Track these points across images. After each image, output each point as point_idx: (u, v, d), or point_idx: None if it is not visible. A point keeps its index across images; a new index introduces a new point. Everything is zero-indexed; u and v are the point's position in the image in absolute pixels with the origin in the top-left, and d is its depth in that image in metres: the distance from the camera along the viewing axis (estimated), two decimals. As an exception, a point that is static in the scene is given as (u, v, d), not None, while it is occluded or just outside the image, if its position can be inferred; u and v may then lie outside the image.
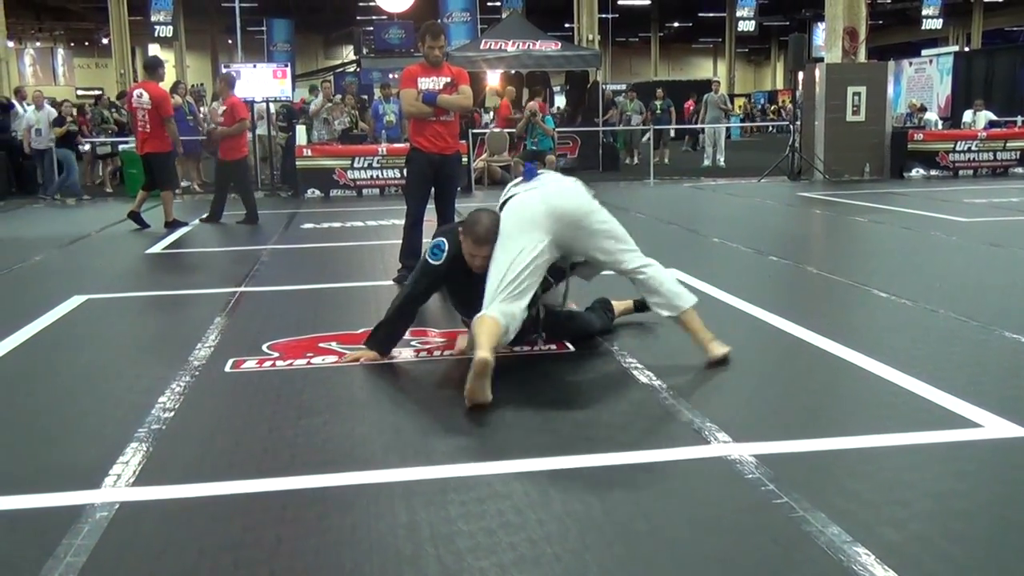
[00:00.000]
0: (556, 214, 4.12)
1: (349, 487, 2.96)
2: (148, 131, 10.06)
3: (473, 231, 4.17)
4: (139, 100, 10.04)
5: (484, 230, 4.15)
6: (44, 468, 3.19)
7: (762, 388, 4.06)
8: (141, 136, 10.18)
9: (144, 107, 9.98)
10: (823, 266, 6.92)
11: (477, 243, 4.15)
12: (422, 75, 6.48)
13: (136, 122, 10.26)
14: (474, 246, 4.17)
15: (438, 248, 4.32)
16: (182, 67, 34.65)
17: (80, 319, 5.66)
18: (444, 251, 4.30)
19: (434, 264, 4.32)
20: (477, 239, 4.15)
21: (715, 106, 19.67)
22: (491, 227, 4.16)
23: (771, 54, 52.12)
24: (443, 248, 4.31)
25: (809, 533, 2.53)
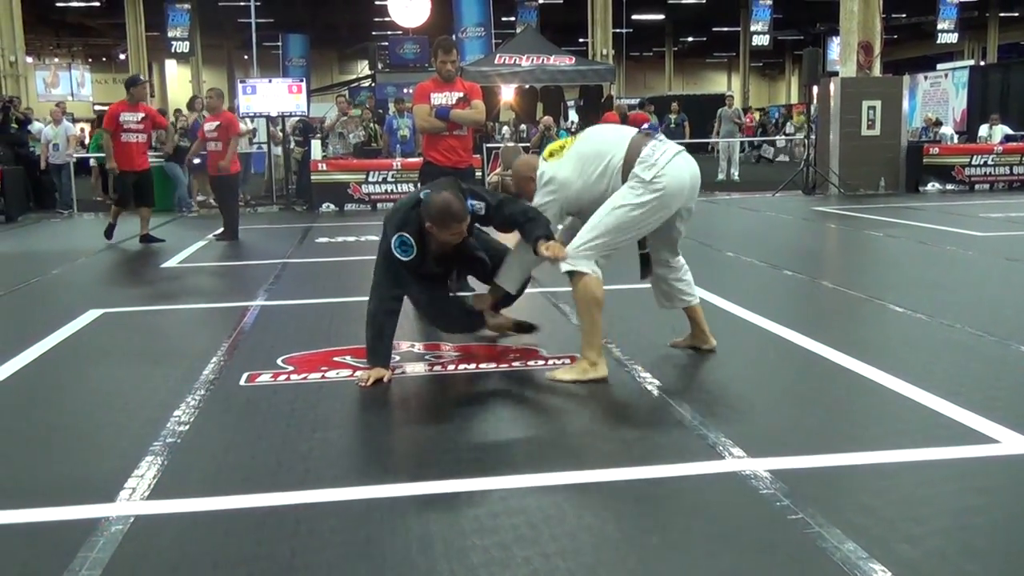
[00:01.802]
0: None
1: (363, 501, 2.96)
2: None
3: (447, 214, 4.15)
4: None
5: (456, 209, 4.18)
6: (60, 481, 3.20)
7: (777, 403, 4.05)
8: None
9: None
10: (838, 280, 6.90)
11: (455, 222, 4.18)
12: (435, 90, 6.51)
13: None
14: (449, 228, 4.18)
15: (406, 244, 4.25)
16: (198, 82, 34.92)
17: (96, 333, 5.69)
18: (412, 245, 4.24)
19: (406, 261, 4.27)
20: (453, 218, 4.16)
21: (729, 120, 19.66)
22: (459, 203, 4.21)
23: (785, 68, 52.07)
24: (410, 243, 4.24)
25: (825, 549, 2.51)
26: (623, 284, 6.90)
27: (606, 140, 4.43)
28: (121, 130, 10.15)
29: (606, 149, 4.34)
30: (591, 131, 4.68)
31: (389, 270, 4.32)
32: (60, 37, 40.02)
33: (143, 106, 10.52)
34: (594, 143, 4.45)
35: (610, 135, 4.49)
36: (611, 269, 4.48)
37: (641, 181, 4.20)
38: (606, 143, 4.39)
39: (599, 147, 4.38)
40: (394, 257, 4.27)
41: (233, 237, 10.61)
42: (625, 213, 4.22)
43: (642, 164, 4.22)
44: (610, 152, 4.32)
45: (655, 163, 4.22)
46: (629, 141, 4.31)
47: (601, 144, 4.40)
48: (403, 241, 4.25)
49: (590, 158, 4.35)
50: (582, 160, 4.36)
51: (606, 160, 4.30)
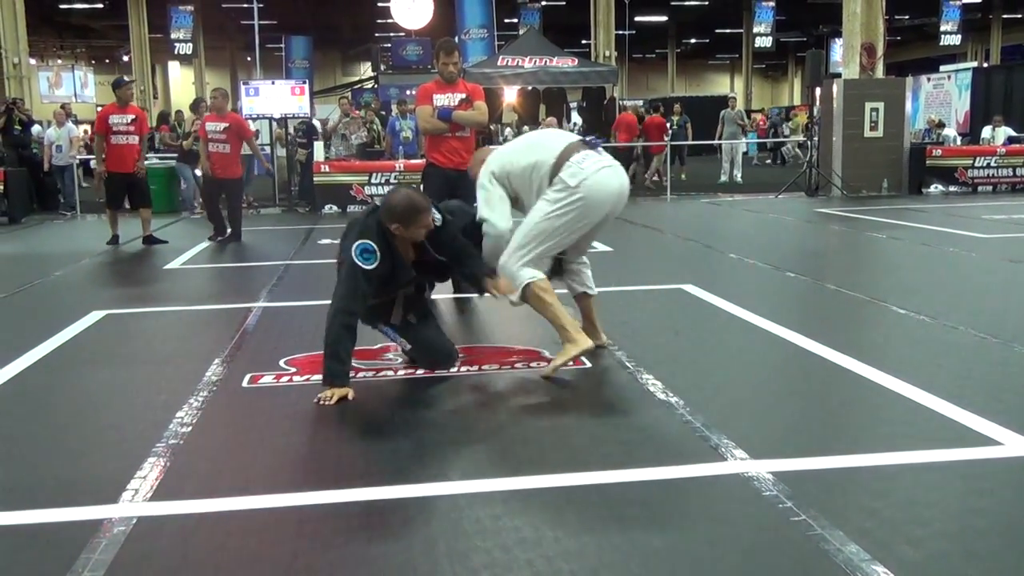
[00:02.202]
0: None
1: (365, 503, 2.96)
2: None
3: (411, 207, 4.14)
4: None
5: (418, 200, 4.21)
6: (63, 483, 3.21)
7: (780, 405, 4.05)
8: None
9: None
10: (841, 282, 6.90)
11: (420, 213, 4.16)
12: (437, 92, 6.53)
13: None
14: (416, 222, 4.16)
15: (368, 252, 4.07)
16: (201, 84, 34.97)
17: (99, 334, 5.70)
18: (374, 251, 4.08)
19: (369, 269, 4.06)
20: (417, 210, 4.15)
21: (732, 122, 19.66)
22: (419, 195, 4.30)
23: (788, 70, 52.07)
24: (372, 248, 4.07)
25: (827, 551, 2.51)
26: (626, 287, 6.91)
27: (546, 141, 4.65)
28: (111, 132, 10.15)
29: (543, 149, 4.54)
30: (538, 131, 5.02)
31: (351, 285, 4.09)
32: (63, 39, 40.08)
33: (132, 108, 10.52)
34: (535, 141, 4.77)
35: (552, 138, 4.72)
36: (612, 272, 4.49)
37: (565, 186, 4.37)
38: (545, 144, 4.60)
39: (537, 145, 4.64)
40: (358, 271, 4.06)
41: (237, 239, 10.53)
42: (551, 221, 4.40)
43: (568, 169, 4.39)
44: (545, 152, 4.50)
45: (581, 169, 4.38)
46: (565, 146, 4.49)
47: (541, 143, 4.66)
48: (364, 248, 4.07)
49: (527, 152, 4.59)
50: (519, 153, 4.64)
51: (539, 157, 4.50)
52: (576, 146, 4.50)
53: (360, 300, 4.10)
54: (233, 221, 10.63)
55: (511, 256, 4.43)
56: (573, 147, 4.48)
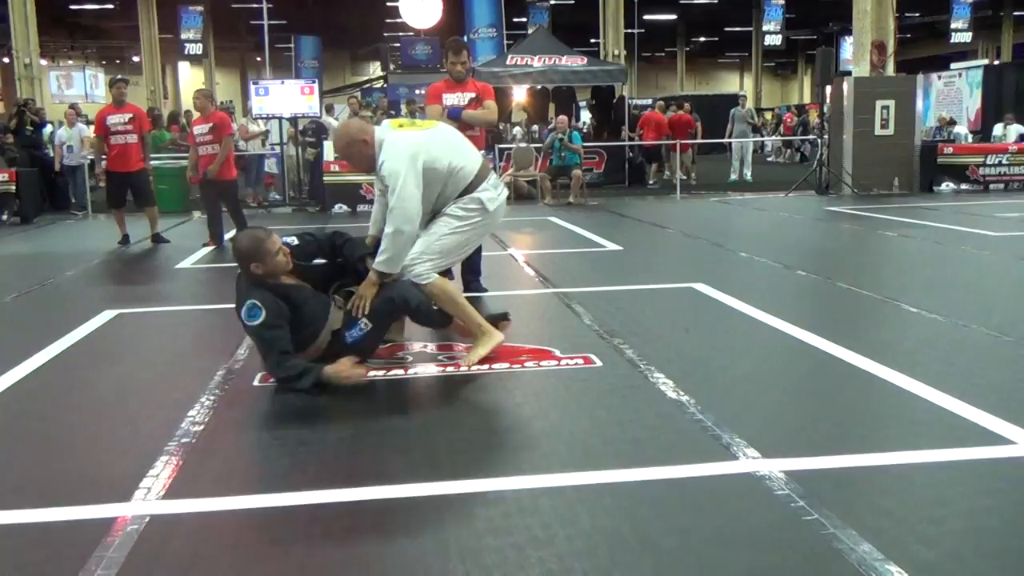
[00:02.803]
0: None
1: (377, 501, 2.96)
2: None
3: (253, 240, 4.25)
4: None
5: (256, 232, 4.34)
6: (76, 481, 3.22)
7: (791, 403, 4.04)
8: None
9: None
10: (852, 281, 6.87)
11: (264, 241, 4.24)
12: (447, 91, 6.53)
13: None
14: (268, 250, 4.22)
15: (253, 308, 4.12)
16: (211, 84, 35.00)
17: (111, 333, 5.71)
18: (259, 305, 4.12)
19: (269, 319, 4.11)
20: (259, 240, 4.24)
21: (742, 120, 19.62)
22: (255, 229, 4.46)
23: (798, 68, 51.91)
24: (255, 304, 4.12)
25: (840, 550, 2.50)
26: (635, 285, 6.91)
27: (464, 148, 4.72)
28: (110, 133, 10.15)
29: (464, 157, 4.62)
30: (446, 128, 4.90)
31: (266, 344, 4.16)
32: (74, 39, 40.22)
33: (129, 106, 10.49)
34: (456, 142, 4.71)
35: (466, 145, 4.80)
36: (621, 271, 4.48)
37: (480, 208, 4.57)
38: (464, 151, 4.68)
39: (459, 149, 4.66)
40: (259, 329, 4.13)
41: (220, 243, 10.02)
42: (460, 235, 4.58)
43: (487, 193, 4.60)
44: (467, 161, 4.61)
45: (497, 195, 4.66)
46: (482, 163, 4.72)
47: (460, 147, 4.69)
48: (248, 309, 4.13)
49: (450, 153, 4.56)
50: (443, 150, 4.53)
51: (462, 164, 4.57)
52: (487, 165, 4.76)
53: (282, 344, 4.15)
54: (237, 223, 10.21)
55: (421, 263, 4.47)
56: (486, 166, 4.73)
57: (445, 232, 4.54)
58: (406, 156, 4.38)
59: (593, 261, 8.54)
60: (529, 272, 7.74)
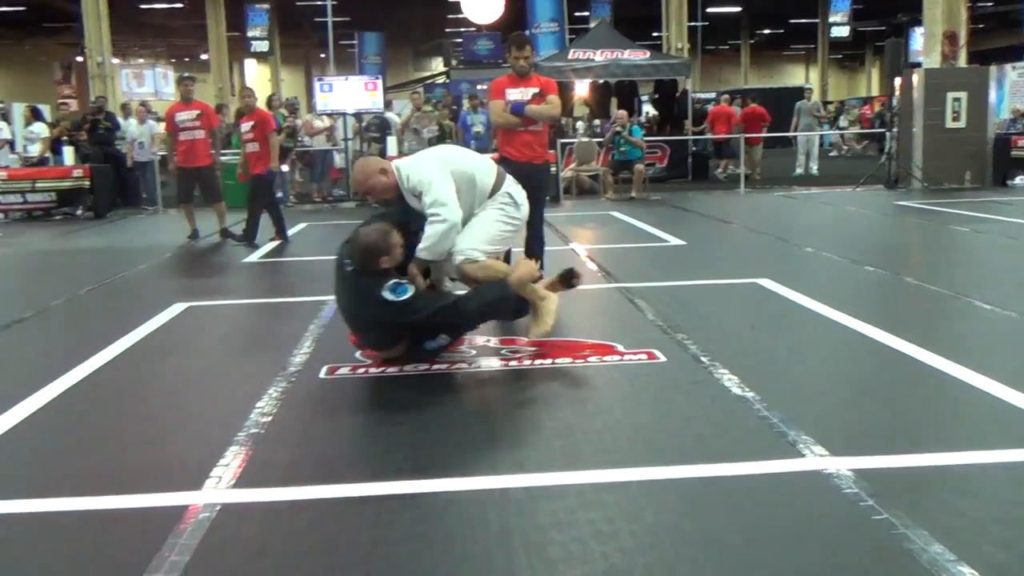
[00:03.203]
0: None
1: (442, 493, 2.99)
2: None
3: (377, 238, 4.38)
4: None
5: (377, 229, 4.42)
6: (149, 469, 3.30)
7: (859, 401, 3.97)
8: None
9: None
10: (922, 276, 6.74)
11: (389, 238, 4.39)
12: (510, 86, 6.52)
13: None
14: (394, 244, 4.40)
15: (402, 284, 4.29)
16: (277, 81, 35.56)
17: (181, 326, 5.84)
18: (404, 281, 4.35)
19: (417, 290, 4.37)
20: (383, 238, 4.38)
21: (808, 113, 19.32)
22: (367, 227, 4.48)
23: (866, 60, 50.91)
24: (403, 280, 4.34)
25: (911, 551, 2.46)
26: (699, 280, 6.86)
27: (474, 158, 5.02)
28: (179, 130, 10.33)
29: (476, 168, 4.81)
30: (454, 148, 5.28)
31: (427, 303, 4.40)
32: (144, 38, 41.06)
33: (197, 103, 10.67)
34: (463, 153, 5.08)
35: (475, 156, 5.09)
36: (685, 266, 4.44)
37: (513, 203, 4.83)
38: (475, 162, 4.90)
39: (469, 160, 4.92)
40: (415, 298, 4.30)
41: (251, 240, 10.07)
42: (502, 226, 4.79)
43: (514, 187, 4.89)
44: (482, 170, 4.81)
45: (519, 187, 4.94)
46: (498, 168, 4.94)
47: (469, 158, 4.97)
48: (394, 285, 4.26)
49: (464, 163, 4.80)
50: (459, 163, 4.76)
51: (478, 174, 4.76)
52: (501, 170, 4.96)
53: (441, 299, 4.58)
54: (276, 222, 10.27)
55: (475, 247, 4.63)
56: (501, 171, 4.94)
57: (491, 221, 4.76)
58: (431, 162, 4.70)
59: (656, 256, 8.49)
60: (591, 267, 7.72)
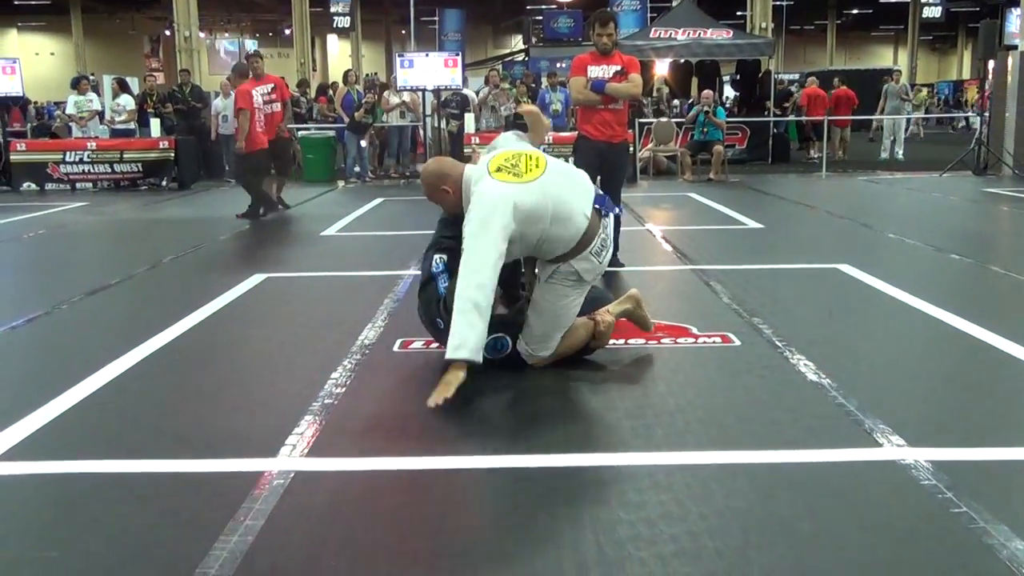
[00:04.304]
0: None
1: (512, 469, 3.01)
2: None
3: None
4: (260, 98, 10.24)
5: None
6: (226, 436, 3.38)
7: (940, 391, 3.87)
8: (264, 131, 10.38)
9: (262, 105, 10.25)
10: (1010, 265, 6.52)
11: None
12: (592, 63, 6.48)
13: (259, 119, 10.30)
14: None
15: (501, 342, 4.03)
16: (357, 56, 35.87)
17: (260, 296, 5.95)
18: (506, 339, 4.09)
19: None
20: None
21: (895, 96, 18.80)
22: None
23: (958, 42, 49.33)
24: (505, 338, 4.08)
25: (991, 546, 2.39)
26: (777, 264, 6.74)
27: (575, 204, 3.89)
28: (261, 104, 10.51)
29: (571, 214, 3.85)
30: (558, 178, 3.96)
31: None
32: (230, 13, 41.76)
33: (269, 77, 10.83)
34: (568, 196, 3.89)
35: (578, 199, 3.92)
36: (763, 250, 4.36)
37: (579, 281, 3.98)
38: (575, 207, 3.88)
39: (569, 205, 3.86)
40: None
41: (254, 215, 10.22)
42: (568, 308, 4.03)
43: (588, 263, 3.93)
44: (567, 227, 3.85)
45: (599, 263, 3.99)
46: (588, 225, 3.87)
47: (571, 205, 3.87)
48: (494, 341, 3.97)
49: (554, 212, 3.82)
50: (537, 213, 3.79)
51: (561, 230, 3.85)
52: (596, 221, 3.91)
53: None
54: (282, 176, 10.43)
55: (542, 349, 4.07)
56: (595, 225, 3.91)
57: (553, 308, 4.01)
58: (500, 203, 3.73)
59: (732, 238, 8.37)
60: (667, 248, 7.65)
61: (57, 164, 14.17)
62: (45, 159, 14.21)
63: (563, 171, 4.05)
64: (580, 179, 4.08)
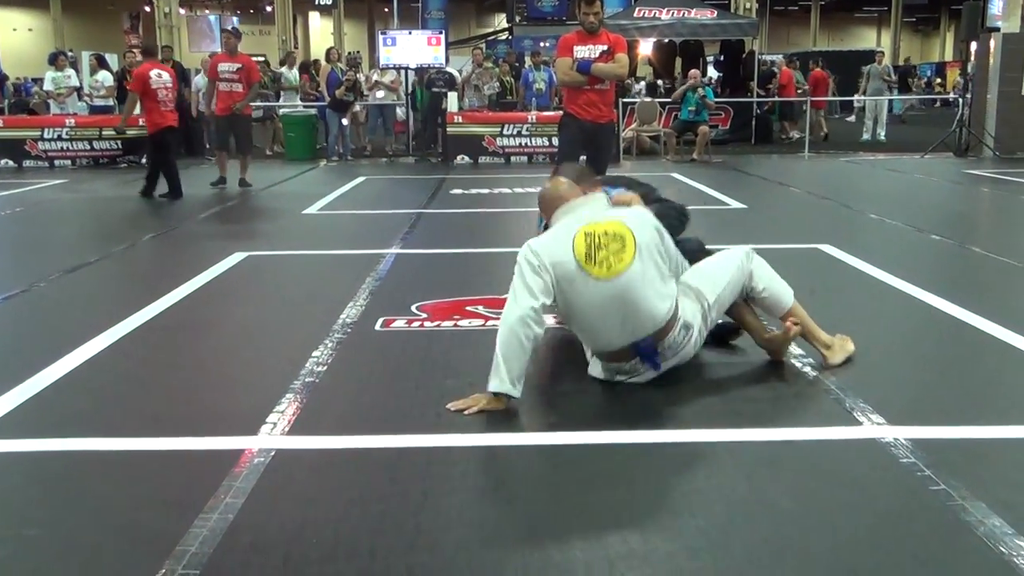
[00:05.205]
0: None
1: (493, 447, 3.01)
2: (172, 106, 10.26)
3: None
4: (160, 80, 10.06)
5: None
6: (207, 414, 3.36)
7: (920, 370, 3.89)
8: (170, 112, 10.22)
9: (167, 86, 10.12)
10: (990, 246, 6.56)
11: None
12: (578, 43, 6.43)
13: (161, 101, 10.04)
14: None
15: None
16: (339, 34, 35.64)
17: (240, 275, 5.92)
18: None
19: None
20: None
21: (878, 78, 18.83)
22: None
23: (940, 24, 49.44)
24: None
25: (968, 523, 2.41)
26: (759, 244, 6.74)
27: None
28: (220, 79, 10.82)
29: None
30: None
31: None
32: (211, -11, 41.38)
33: (241, 56, 11.10)
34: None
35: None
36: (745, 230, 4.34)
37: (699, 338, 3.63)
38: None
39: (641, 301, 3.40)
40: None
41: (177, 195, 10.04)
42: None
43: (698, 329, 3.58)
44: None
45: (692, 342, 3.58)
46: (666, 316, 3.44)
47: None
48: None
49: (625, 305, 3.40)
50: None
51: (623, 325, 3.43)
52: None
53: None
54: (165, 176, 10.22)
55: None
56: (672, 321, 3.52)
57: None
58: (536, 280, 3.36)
59: (716, 219, 8.37)
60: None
61: (35, 141, 14.04)
62: (23, 136, 14.08)
63: (647, 273, 3.42)
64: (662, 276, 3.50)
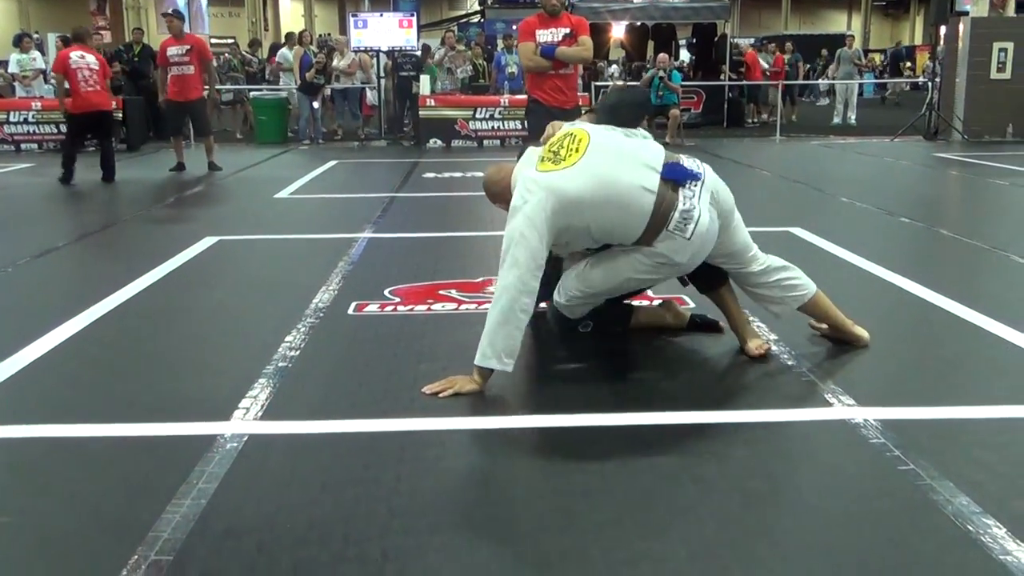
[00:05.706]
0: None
1: (466, 431, 3.02)
2: (99, 88, 10.07)
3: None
4: (82, 61, 9.91)
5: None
6: (179, 399, 3.34)
7: (889, 352, 3.93)
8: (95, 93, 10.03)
9: (91, 67, 9.98)
10: (958, 229, 6.63)
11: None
12: (540, 27, 6.39)
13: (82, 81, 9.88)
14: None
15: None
16: (310, 17, 35.34)
17: (211, 259, 5.88)
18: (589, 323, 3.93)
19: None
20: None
21: (848, 61, 18.95)
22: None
23: (910, 8, 49.72)
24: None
25: (936, 502, 2.45)
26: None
27: (624, 193, 3.36)
28: (170, 64, 10.78)
29: (624, 210, 3.38)
30: (610, 143, 3.50)
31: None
32: (179, -30, 40.85)
33: (189, 37, 11.14)
34: (611, 190, 3.36)
35: (631, 166, 3.41)
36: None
37: (668, 261, 3.50)
38: (625, 200, 3.36)
39: (615, 201, 3.36)
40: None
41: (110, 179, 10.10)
42: (635, 277, 3.63)
43: (672, 242, 3.42)
44: (629, 217, 3.40)
45: (687, 234, 3.41)
46: (655, 204, 3.36)
47: (618, 194, 3.36)
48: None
49: (601, 210, 3.38)
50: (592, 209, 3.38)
51: (619, 226, 3.44)
52: (668, 193, 3.38)
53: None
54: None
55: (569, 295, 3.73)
56: (667, 199, 3.37)
57: (614, 266, 3.60)
58: (537, 214, 3.34)
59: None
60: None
61: (1, 124, 13.83)
62: (-12, 119, 13.87)
63: (611, 147, 3.47)
64: (635, 151, 3.50)
